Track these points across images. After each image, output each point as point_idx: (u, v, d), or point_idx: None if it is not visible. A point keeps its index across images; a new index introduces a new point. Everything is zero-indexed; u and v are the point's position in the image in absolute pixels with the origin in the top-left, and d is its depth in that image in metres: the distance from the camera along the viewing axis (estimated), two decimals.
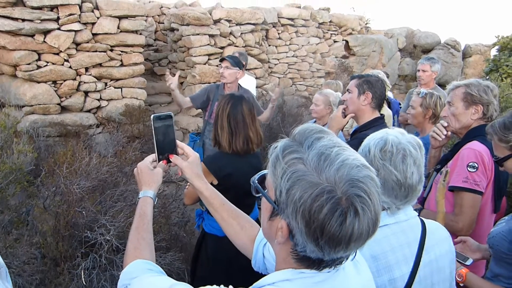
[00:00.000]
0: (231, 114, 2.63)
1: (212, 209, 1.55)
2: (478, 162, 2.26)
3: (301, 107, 8.87)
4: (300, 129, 1.00)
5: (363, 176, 0.90)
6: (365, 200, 0.87)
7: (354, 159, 0.92)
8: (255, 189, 1.07)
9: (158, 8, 10.38)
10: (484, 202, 2.34)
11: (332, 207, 0.86)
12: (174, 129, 1.57)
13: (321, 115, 4.11)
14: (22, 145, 4.06)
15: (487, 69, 10.96)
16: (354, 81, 2.85)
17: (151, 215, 1.43)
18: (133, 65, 7.26)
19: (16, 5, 6.01)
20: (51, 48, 6.31)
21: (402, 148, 1.44)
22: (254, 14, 8.96)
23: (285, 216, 0.93)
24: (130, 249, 1.32)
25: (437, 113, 3.24)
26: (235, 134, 2.62)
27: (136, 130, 6.83)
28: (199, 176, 1.55)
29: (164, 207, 4.04)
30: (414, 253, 1.45)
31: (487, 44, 12.78)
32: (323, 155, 0.91)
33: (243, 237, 1.49)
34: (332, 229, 0.86)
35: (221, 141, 2.65)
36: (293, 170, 0.91)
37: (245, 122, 2.64)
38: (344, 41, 11.50)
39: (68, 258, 3.17)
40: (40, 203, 3.61)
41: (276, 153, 0.98)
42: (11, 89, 6.32)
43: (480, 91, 2.41)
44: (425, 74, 4.85)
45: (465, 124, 2.48)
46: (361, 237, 0.89)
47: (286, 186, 0.91)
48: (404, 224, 1.49)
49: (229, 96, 2.75)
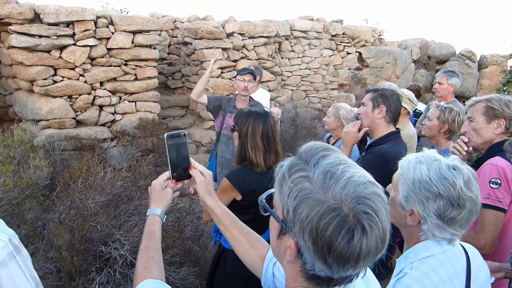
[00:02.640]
0: (264, 133, 2.63)
1: (222, 227, 1.55)
2: (501, 178, 2.20)
3: (314, 120, 8.87)
4: (306, 147, 1.00)
5: (370, 193, 0.89)
6: (372, 217, 0.86)
7: (360, 176, 0.91)
8: (263, 208, 1.07)
9: (172, 23, 10.51)
10: (507, 219, 2.27)
11: (338, 224, 0.85)
12: (188, 147, 1.58)
13: (331, 127, 4.11)
14: (39, 160, 4.10)
15: (504, 80, 10.80)
16: (369, 94, 2.83)
17: (160, 234, 1.44)
18: (147, 79, 7.34)
19: (33, 22, 6.14)
20: (67, 63, 6.42)
21: (472, 175, 1.39)
22: (266, 27, 9.01)
23: (293, 235, 0.92)
24: (139, 269, 1.33)
25: (453, 129, 3.16)
26: (269, 151, 2.63)
27: (150, 143, 6.88)
28: (211, 194, 1.55)
29: (178, 221, 4.03)
30: (463, 284, 1.40)
31: (504, 55, 12.63)
32: (329, 173, 0.90)
33: (253, 255, 1.48)
34: (339, 246, 0.85)
35: (254, 160, 2.62)
36: (299, 188, 0.91)
37: (274, 138, 2.66)
38: (358, 53, 11.48)
39: (82, 272, 3.17)
40: (56, 218, 3.63)
41: (282, 171, 0.98)
42: (28, 104, 6.42)
43: (502, 105, 2.36)
44: (441, 87, 4.80)
45: (487, 139, 2.43)
46: (370, 254, 0.88)
47: (293, 205, 0.90)
48: (450, 253, 1.42)
49: (255, 114, 2.71)
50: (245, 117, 2.71)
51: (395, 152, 2.69)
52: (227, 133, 4.41)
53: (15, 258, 1.33)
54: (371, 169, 2.88)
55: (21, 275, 1.34)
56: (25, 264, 1.37)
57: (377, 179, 1.03)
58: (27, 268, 1.37)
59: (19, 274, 1.33)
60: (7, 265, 1.30)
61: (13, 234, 1.36)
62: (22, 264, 1.35)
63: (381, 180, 2.07)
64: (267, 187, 2.20)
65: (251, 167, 2.63)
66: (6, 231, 1.35)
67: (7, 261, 1.30)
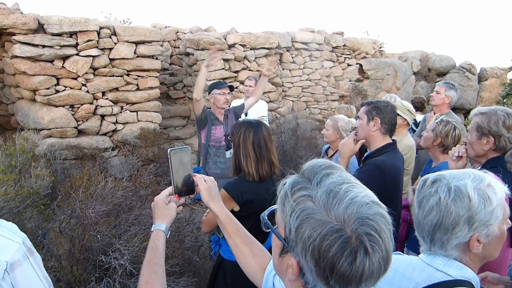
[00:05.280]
0: (255, 141, 2.64)
1: (226, 234, 1.56)
2: None
3: (315, 131, 8.88)
4: (309, 165, 0.99)
5: (373, 214, 0.88)
6: (375, 239, 0.85)
7: (363, 196, 0.90)
8: (265, 225, 1.06)
9: (174, 33, 10.58)
10: None
11: (341, 246, 0.84)
12: (191, 163, 1.60)
13: (330, 139, 4.13)
14: (40, 169, 4.12)
15: (504, 93, 10.83)
16: (364, 107, 2.89)
17: (163, 249, 1.45)
18: (148, 89, 7.38)
19: (37, 32, 6.20)
20: (70, 73, 6.46)
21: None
22: (268, 39, 9.08)
23: (295, 254, 0.91)
24: (141, 284, 1.34)
25: (445, 143, 3.16)
26: (261, 159, 2.63)
27: (151, 153, 6.90)
28: (215, 200, 1.57)
29: (178, 231, 4.03)
30: None
31: (503, 68, 12.67)
32: (332, 193, 0.90)
33: (254, 265, 1.48)
34: (342, 268, 0.84)
35: (246, 169, 2.63)
36: (301, 208, 0.90)
37: (267, 147, 2.66)
38: (358, 65, 11.54)
39: (82, 282, 3.17)
40: (56, 227, 3.64)
41: (285, 190, 0.97)
42: (30, 113, 6.46)
43: (491, 123, 2.38)
44: (438, 96, 4.83)
45: (479, 153, 2.47)
46: (373, 276, 0.87)
47: (295, 224, 0.89)
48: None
49: (247, 124, 2.74)
50: (238, 127, 2.75)
51: (391, 164, 2.72)
52: (215, 144, 4.48)
53: (29, 259, 1.42)
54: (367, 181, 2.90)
55: (35, 275, 1.42)
56: (38, 265, 1.45)
57: (373, 191, 1.03)
58: (39, 269, 1.45)
59: (33, 274, 1.41)
60: (22, 264, 1.38)
61: (25, 237, 1.44)
62: (35, 265, 1.43)
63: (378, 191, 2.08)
64: (264, 196, 2.20)
65: (246, 177, 2.65)
66: (19, 234, 1.43)
67: (21, 261, 1.38)
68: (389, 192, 2.64)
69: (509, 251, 2.43)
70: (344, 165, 3.01)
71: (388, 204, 1.40)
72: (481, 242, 1.29)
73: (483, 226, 1.27)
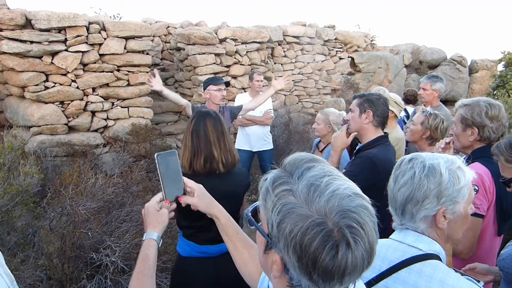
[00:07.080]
0: (194, 131, 2.43)
1: (226, 238, 1.55)
2: (478, 185, 2.23)
3: (307, 124, 8.89)
4: (290, 159, 0.98)
5: (355, 206, 0.86)
6: (357, 231, 0.84)
7: (345, 189, 0.88)
8: (249, 222, 1.04)
9: (165, 28, 10.51)
10: (485, 224, 2.32)
11: (323, 240, 0.82)
12: (179, 165, 1.58)
13: (322, 133, 4.13)
14: (29, 166, 4.08)
15: (494, 85, 10.92)
16: (356, 100, 2.89)
17: (154, 259, 1.43)
18: (139, 85, 7.32)
19: (25, 28, 6.11)
20: (59, 69, 6.39)
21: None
22: (259, 33, 9.04)
23: (278, 250, 0.90)
24: None
25: (435, 136, 3.16)
26: (198, 152, 2.39)
27: (143, 149, 6.86)
28: (212, 205, 1.56)
29: (170, 226, 4.02)
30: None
31: (494, 60, 12.76)
32: (312, 186, 0.88)
33: (251, 267, 1.47)
34: (324, 263, 0.83)
35: (181, 160, 2.40)
36: (283, 202, 0.88)
37: (207, 140, 2.41)
38: (350, 58, 11.54)
39: (73, 280, 3.15)
40: (46, 225, 3.61)
41: (266, 185, 0.96)
42: (19, 110, 6.38)
43: (474, 114, 2.42)
44: (426, 93, 4.85)
45: (464, 144, 2.51)
46: (356, 269, 0.85)
47: (277, 220, 0.88)
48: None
49: (196, 113, 2.54)
50: (192, 114, 2.59)
51: (383, 156, 2.72)
52: None
53: None
54: (359, 173, 2.87)
55: None
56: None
57: (366, 183, 1.02)
58: (1, 266, 1.35)
59: None
60: None
61: None
62: None
63: (370, 184, 2.06)
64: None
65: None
66: None
67: None
68: (381, 184, 2.64)
69: (496, 240, 2.46)
70: (336, 158, 3.01)
71: (380, 197, 1.40)
72: (446, 218, 1.41)
73: (450, 202, 1.39)
